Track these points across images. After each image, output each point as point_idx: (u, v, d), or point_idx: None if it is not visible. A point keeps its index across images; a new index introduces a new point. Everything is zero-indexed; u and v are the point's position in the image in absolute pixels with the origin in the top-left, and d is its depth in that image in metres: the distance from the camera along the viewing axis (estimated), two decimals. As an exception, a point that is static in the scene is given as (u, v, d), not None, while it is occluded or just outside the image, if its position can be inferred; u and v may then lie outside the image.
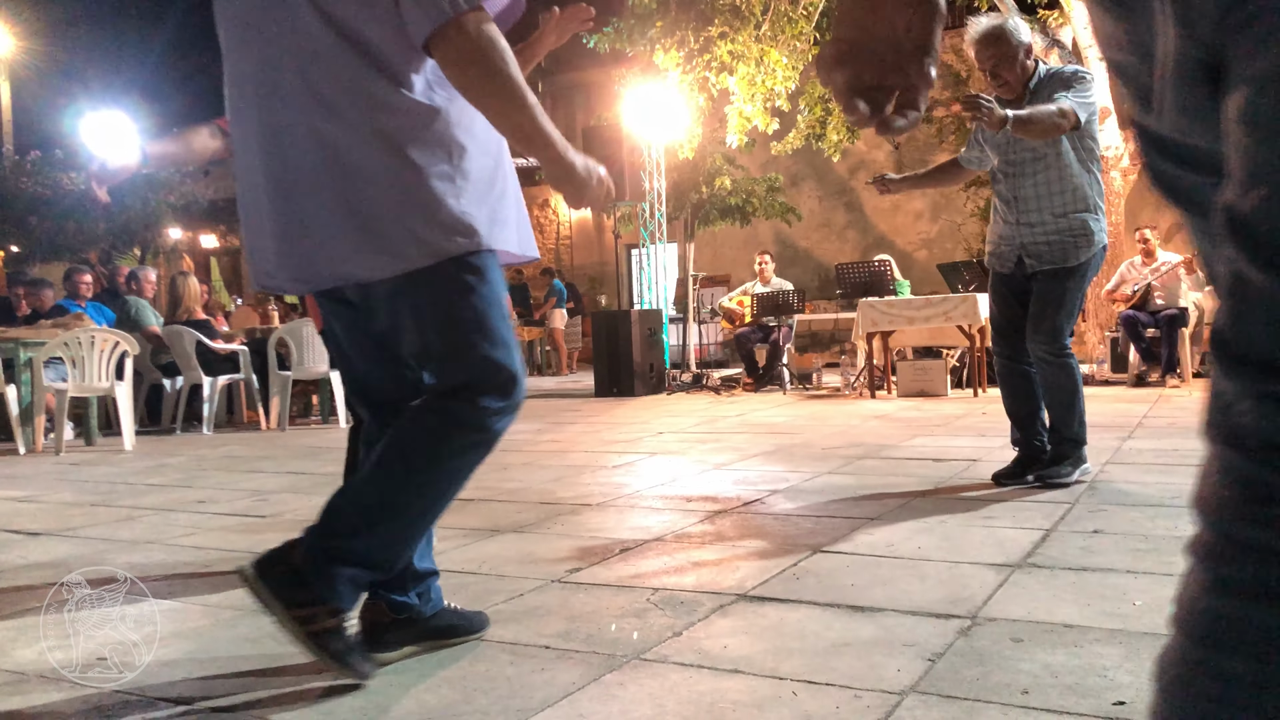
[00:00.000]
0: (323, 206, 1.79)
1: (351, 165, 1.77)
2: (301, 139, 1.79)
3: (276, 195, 1.83)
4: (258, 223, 1.90)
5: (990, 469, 4.21)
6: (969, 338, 8.23)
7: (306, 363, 7.55)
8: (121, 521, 3.76)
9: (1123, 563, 2.57)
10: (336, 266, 1.83)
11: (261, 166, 1.84)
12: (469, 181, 1.83)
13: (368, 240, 1.78)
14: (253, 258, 1.96)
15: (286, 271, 1.88)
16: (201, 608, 2.50)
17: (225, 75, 1.94)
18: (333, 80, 1.77)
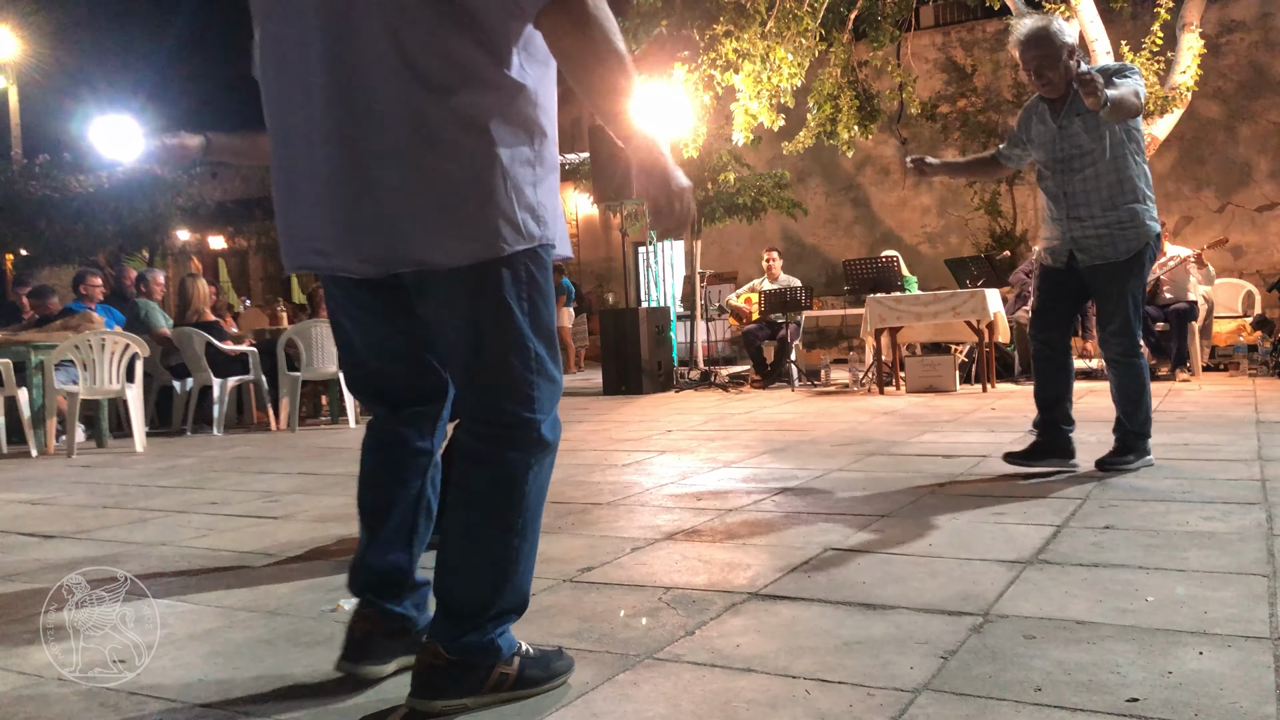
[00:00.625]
0: (402, 181, 1.64)
1: (438, 139, 1.62)
2: (385, 104, 1.62)
3: (345, 165, 1.66)
4: (309, 194, 1.72)
5: (1000, 465, 4.21)
6: (977, 333, 8.22)
7: (316, 363, 7.57)
8: (134, 523, 3.78)
9: (1134, 558, 2.57)
10: (409, 247, 1.66)
11: (325, 131, 1.68)
12: (545, 169, 1.73)
13: (447, 222, 1.64)
14: (294, 233, 1.79)
15: (350, 249, 1.71)
16: (216, 609, 2.51)
17: (262, 25, 1.78)
18: (426, 43, 1.62)
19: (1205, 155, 12.75)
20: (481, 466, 1.74)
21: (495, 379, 1.72)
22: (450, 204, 1.64)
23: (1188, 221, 12.79)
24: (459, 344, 1.74)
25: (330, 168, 1.68)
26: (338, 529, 3.50)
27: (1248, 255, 12.50)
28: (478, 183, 1.64)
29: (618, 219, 12.24)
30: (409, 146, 1.62)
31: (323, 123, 1.67)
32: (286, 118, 1.75)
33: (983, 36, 14.11)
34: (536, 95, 1.70)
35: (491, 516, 1.74)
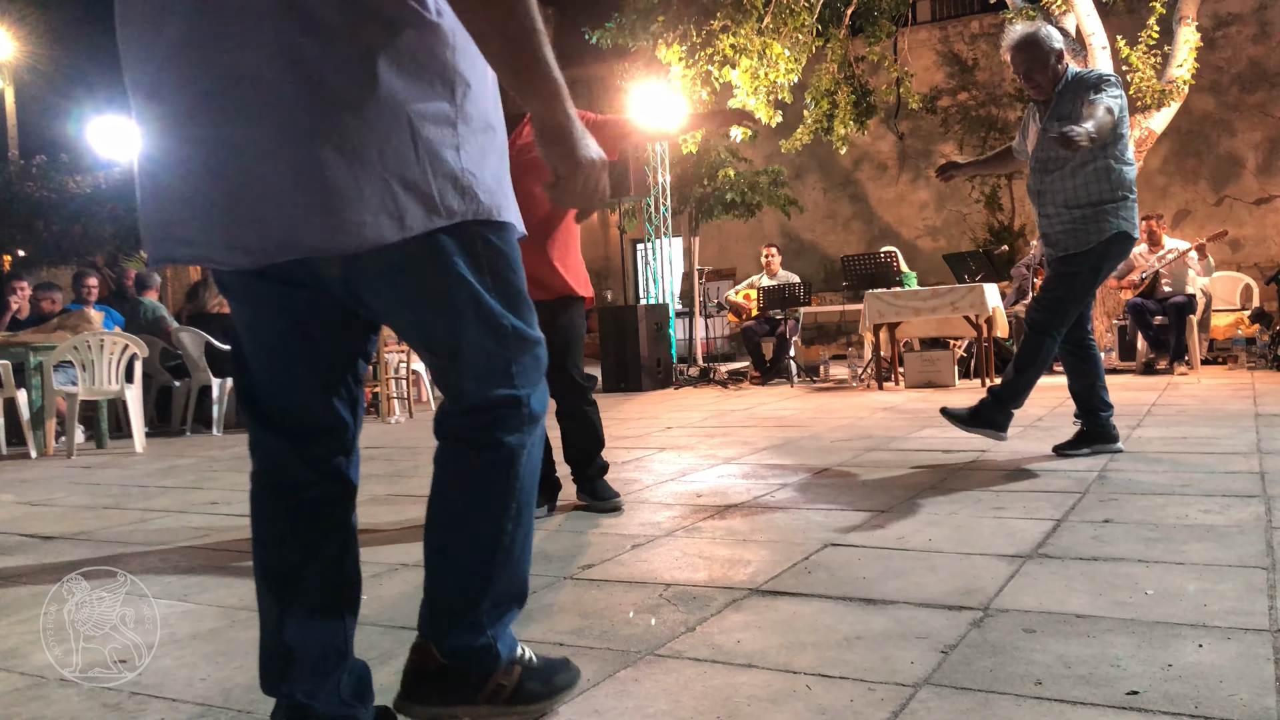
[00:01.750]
0: (277, 149, 1.31)
1: (335, 98, 1.30)
2: (265, 60, 1.30)
3: (215, 136, 1.33)
4: (174, 173, 1.38)
5: (999, 459, 4.22)
6: (976, 328, 8.22)
7: (315, 363, 7.57)
8: (134, 524, 3.78)
9: (1134, 552, 2.57)
10: (290, 232, 1.33)
11: (191, 98, 1.34)
12: (472, 128, 1.42)
13: (342, 200, 1.32)
14: (155, 219, 1.43)
15: (219, 237, 1.37)
16: (217, 609, 2.52)
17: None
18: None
19: (1201, 149, 12.76)
20: (470, 448, 1.54)
21: (469, 363, 1.50)
22: (340, 174, 1.31)
23: (1186, 215, 12.79)
24: (414, 333, 1.53)
25: (195, 137, 1.35)
26: (338, 528, 3.50)
27: (1245, 248, 12.50)
28: (382, 148, 1.33)
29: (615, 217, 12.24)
30: (304, 115, 1.30)
31: (193, 95, 1.34)
32: (148, 85, 1.40)
33: (980, 31, 14.10)
34: (454, 36, 1.39)
35: (484, 500, 1.54)
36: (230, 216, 1.35)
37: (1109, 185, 3.99)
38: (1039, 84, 4.03)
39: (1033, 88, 4.06)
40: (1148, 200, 9.51)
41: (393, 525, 3.51)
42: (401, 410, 8.16)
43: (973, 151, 13.96)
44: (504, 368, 1.52)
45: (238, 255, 1.37)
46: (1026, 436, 4.90)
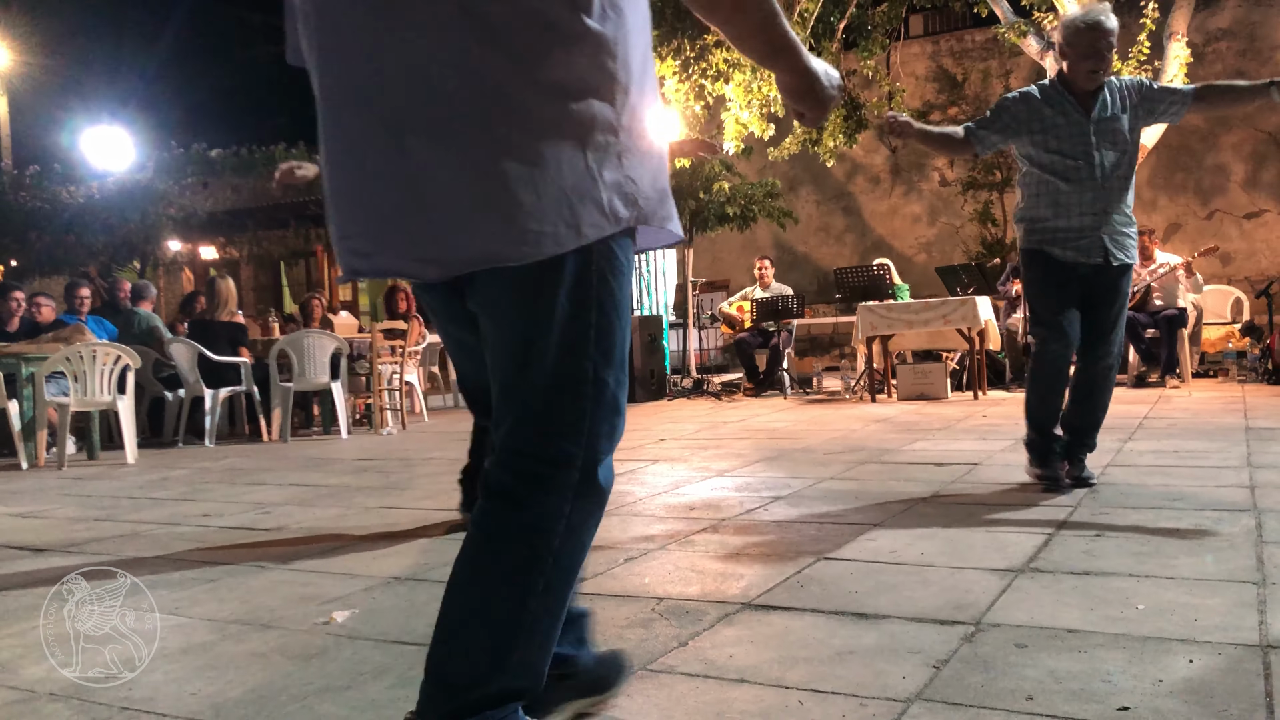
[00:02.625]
0: (453, 162, 1.33)
1: (511, 110, 1.32)
2: (446, 74, 1.32)
3: (385, 146, 1.36)
4: (357, 187, 1.41)
5: (991, 472, 4.23)
6: (968, 340, 8.25)
7: (308, 374, 7.56)
8: (125, 536, 3.77)
9: (1125, 566, 2.58)
10: (466, 244, 1.35)
11: (372, 113, 1.37)
12: (633, 136, 1.42)
13: (523, 211, 1.33)
14: (342, 234, 1.46)
15: (397, 249, 1.40)
16: (208, 623, 2.51)
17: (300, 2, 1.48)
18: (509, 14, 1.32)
19: (1190, 163, 12.82)
20: (506, 506, 1.43)
21: (539, 403, 1.42)
22: (521, 187, 1.33)
23: (1176, 229, 12.85)
24: (501, 357, 1.44)
25: (368, 151, 1.38)
26: (330, 541, 3.49)
27: (1236, 262, 12.56)
28: (554, 158, 1.34)
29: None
30: (473, 120, 1.33)
31: (361, 100, 1.38)
32: (324, 98, 1.45)
33: (972, 45, 14.17)
34: (615, 45, 1.39)
35: (508, 568, 1.41)
36: (418, 231, 1.37)
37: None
38: (1106, 71, 3.77)
39: (1097, 73, 3.76)
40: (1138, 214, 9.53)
41: (384, 539, 3.50)
42: (395, 422, 8.15)
43: (964, 167, 14.01)
44: (572, 418, 1.42)
45: (429, 268, 1.41)
46: (1018, 449, 4.90)
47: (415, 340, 8.50)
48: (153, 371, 7.77)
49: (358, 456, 6.25)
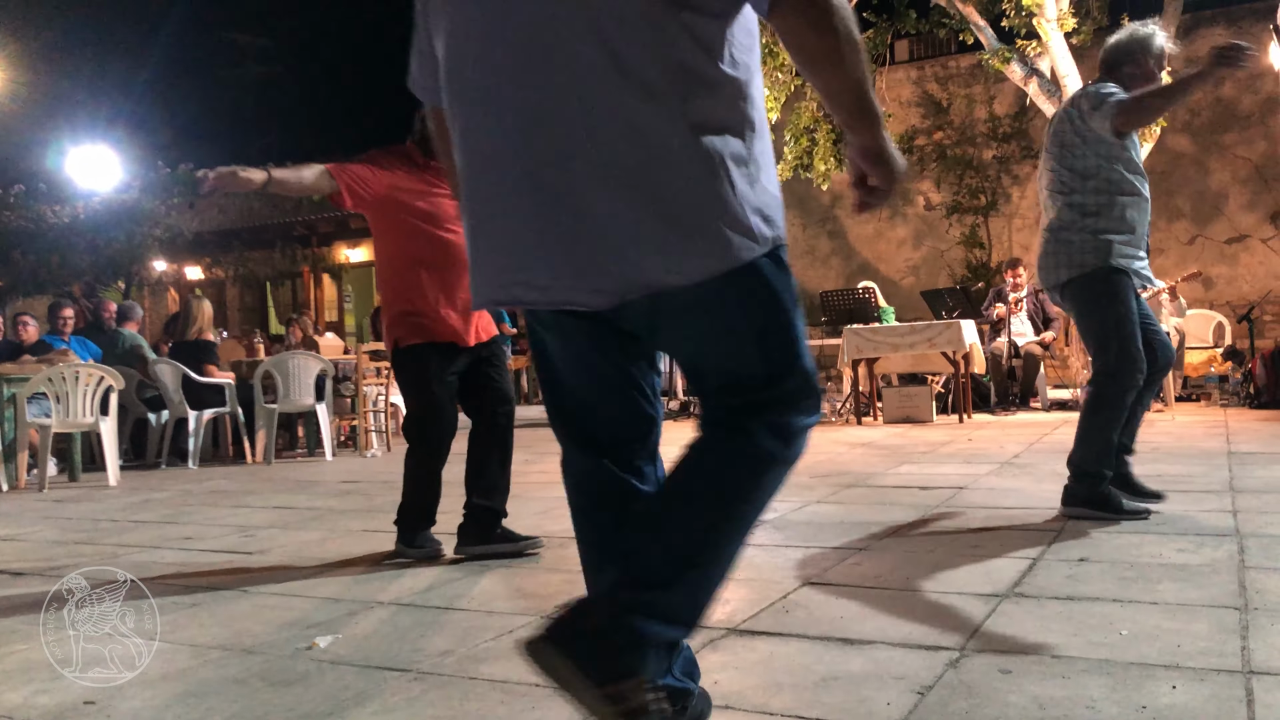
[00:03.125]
0: (625, 202, 1.46)
1: (659, 150, 1.46)
2: (596, 118, 1.46)
3: (556, 190, 1.48)
4: (512, 225, 1.54)
5: (977, 496, 4.24)
6: (953, 364, 8.28)
7: (292, 395, 7.53)
8: (106, 560, 3.74)
9: (1109, 591, 2.58)
10: (640, 272, 1.48)
11: (523, 153, 1.50)
12: (760, 165, 1.55)
13: (677, 239, 1.47)
14: (491, 267, 1.59)
15: (573, 281, 1.52)
16: (189, 647, 2.49)
17: (445, 46, 1.60)
18: (640, 44, 1.45)
19: (1176, 188, 12.95)
20: (735, 435, 1.55)
21: (755, 394, 1.56)
22: (678, 219, 1.47)
23: (1159, 253, 12.97)
24: (710, 366, 1.59)
25: (537, 195, 1.50)
26: (314, 565, 3.47)
27: (1218, 287, 12.67)
28: (704, 192, 1.48)
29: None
30: (629, 162, 1.46)
31: (519, 144, 1.51)
32: (473, 141, 1.58)
33: (957, 71, 14.31)
34: (745, 87, 1.54)
35: (720, 487, 1.54)
36: (586, 263, 1.49)
37: None
38: None
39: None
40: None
41: (368, 562, 3.48)
42: (379, 443, 8.12)
43: (949, 189, 14.12)
44: (787, 399, 1.57)
45: (596, 297, 1.51)
46: (1003, 473, 4.93)
47: (401, 362, 8.49)
48: (136, 392, 7.72)
49: (342, 479, 6.22)
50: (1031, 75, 10.42)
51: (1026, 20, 10.10)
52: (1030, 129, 13.44)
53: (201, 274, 19.95)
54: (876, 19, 12.09)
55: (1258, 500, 3.85)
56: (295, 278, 19.76)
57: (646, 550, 1.53)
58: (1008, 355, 9.15)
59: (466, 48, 1.57)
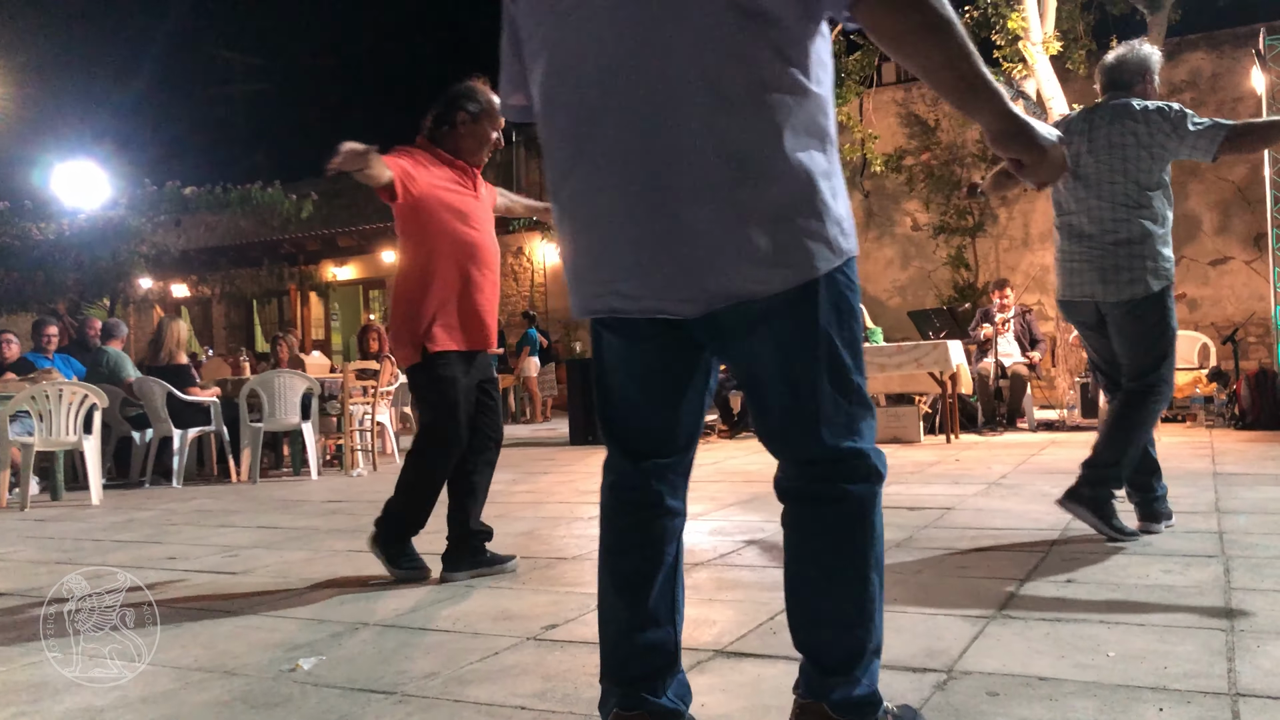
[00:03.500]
0: (716, 212, 1.53)
1: (747, 163, 1.53)
2: (690, 134, 1.53)
3: (651, 201, 1.55)
4: (609, 235, 1.61)
5: (964, 517, 4.24)
6: (940, 384, 8.30)
7: (278, 414, 7.49)
8: (88, 580, 3.70)
9: (1096, 612, 2.58)
10: (728, 281, 1.55)
11: (622, 166, 1.58)
12: (838, 178, 1.63)
13: (764, 250, 1.54)
14: (588, 276, 1.66)
15: (665, 290, 1.58)
16: (171, 670, 2.46)
17: (546, 68, 1.66)
18: (736, 68, 1.52)
19: (1159, 210, 13.05)
20: (823, 505, 1.63)
21: (818, 412, 1.61)
22: (765, 230, 1.54)
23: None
24: (776, 377, 1.63)
25: (633, 205, 1.58)
26: (298, 585, 3.44)
27: (1202, 308, 12.75)
28: (790, 204, 1.54)
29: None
30: (720, 175, 1.53)
31: (618, 157, 1.58)
32: (576, 158, 1.64)
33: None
34: (825, 103, 1.61)
35: (848, 554, 1.62)
36: (678, 273, 1.56)
37: None
38: None
39: None
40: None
41: (353, 583, 3.46)
42: (366, 463, 8.08)
43: (937, 210, 14.20)
44: (848, 422, 1.62)
45: (686, 306, 1.59)
46: (990, 494, 4.94)
47: (388, 380, 8.45)
48: (120, 410, 7.67)
49: (328, 498, 6.18)
50: (1018, 97, 10.49)
51: (1013, 44, 10.20)
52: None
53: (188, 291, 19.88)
54: (864, 41, 12.18)
55: (1243, 521, 3.86)
56: (282, 295, 19.70)
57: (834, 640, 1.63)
58: (994, 376, 9.18)
59: (572, 70, 1.62)
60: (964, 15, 10.76)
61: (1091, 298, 3.70)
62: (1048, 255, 12.95)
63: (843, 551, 1.62)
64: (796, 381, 1.61)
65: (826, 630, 1.63)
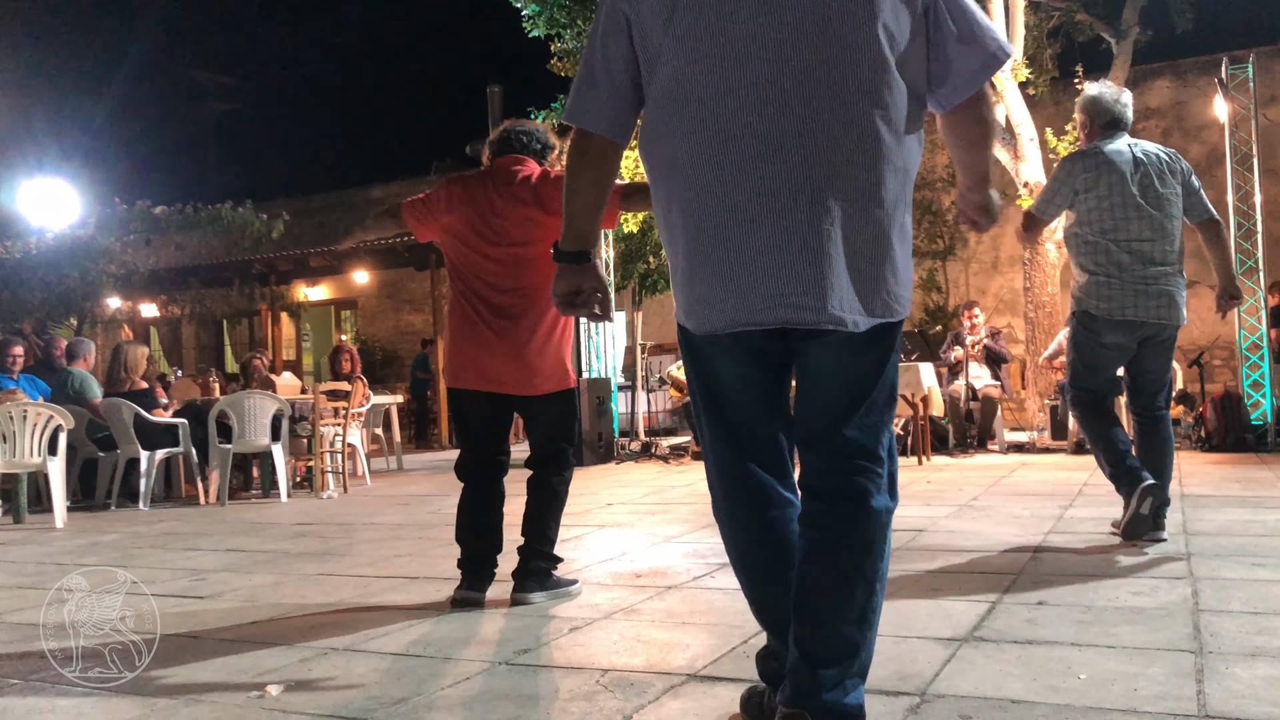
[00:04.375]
0: (878, 244, 1.76)
1: (896, 205, 1.79)
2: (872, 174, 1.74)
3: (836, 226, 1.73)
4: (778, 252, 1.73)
5: (936, 539, 4.25)
6: (912, 406, 8.35)
7: (248, 435, 7.41)
8: (52, 605, 3.63)
9: (1067, 635, 2.60)
10: (878, 304, 1.77)
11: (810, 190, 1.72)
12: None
13: (898, 281, 1.80)
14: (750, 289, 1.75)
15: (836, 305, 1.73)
16: (135, 698, 2.42)
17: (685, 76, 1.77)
18: (897, 114, 1.77)
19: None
20: (849, 504, 1.78)
21: (873, 426, 1.81)
22: (899, 262, 1.80)
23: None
24: (846, 393, 1.82)
25: (817, 228, 1.72)
26: (267, 610, 3.40)
27: (1169, 331, 12.93)
28: (905, 249, 1.82)
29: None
30: (881, 212, 1.75)
31: (807, 183, 1.72)
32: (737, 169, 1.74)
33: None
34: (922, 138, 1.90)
35: (859, 553, 1.75)
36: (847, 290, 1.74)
37: (1074, 257, 4.17)
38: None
39: None
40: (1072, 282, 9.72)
41: (322, 607, 3.42)
42: (336, 485, 8.01)
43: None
44: (886, 438, 1.84)
45: (843, 318, 1.74)
46: (962, 516, 4.96)
47: (359, 401, 8.40)
48: (86, 431, 7.56)
49: (297, 521, 6.11)
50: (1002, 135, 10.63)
51: (981, 70, 10.33)
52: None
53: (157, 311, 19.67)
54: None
55: (1210, 543, 3.90)
56: (253, 316, 19.54)
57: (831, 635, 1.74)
58: (965, 398, 9.25)
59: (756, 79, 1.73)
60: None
61: (1158, 320, 4.06)
62: (1017, 279, 13.09)
63: (857, 558, 1.75)
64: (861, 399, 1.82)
65: (830, 625, 1.73)
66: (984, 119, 1.89)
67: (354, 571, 4.06)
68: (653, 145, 1.85)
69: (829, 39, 1.71)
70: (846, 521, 1.77)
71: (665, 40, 1.78)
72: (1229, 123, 9.67)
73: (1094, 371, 4.18)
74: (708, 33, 1.74)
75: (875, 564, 1.76)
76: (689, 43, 1.76)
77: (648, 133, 1.86)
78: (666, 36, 1.78)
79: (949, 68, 1.80)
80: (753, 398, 1.90)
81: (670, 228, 1.85)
